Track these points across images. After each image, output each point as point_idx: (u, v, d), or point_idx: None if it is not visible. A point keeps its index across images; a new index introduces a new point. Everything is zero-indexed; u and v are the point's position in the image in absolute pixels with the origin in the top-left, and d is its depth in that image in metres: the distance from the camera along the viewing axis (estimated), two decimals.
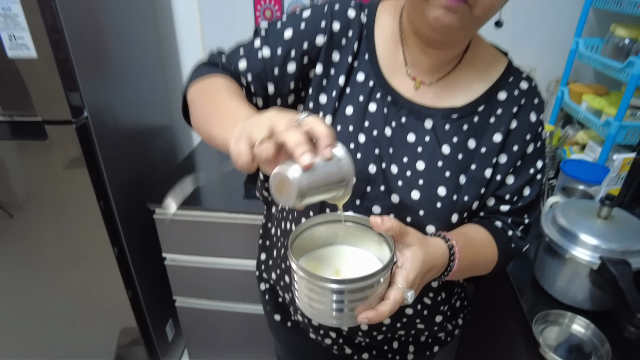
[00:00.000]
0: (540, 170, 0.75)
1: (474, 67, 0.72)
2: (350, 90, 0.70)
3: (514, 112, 0.71)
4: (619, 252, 0.84)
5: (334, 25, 0.69)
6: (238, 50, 0.72)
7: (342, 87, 0.70)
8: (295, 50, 0.69)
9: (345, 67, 0.69)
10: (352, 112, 0.69)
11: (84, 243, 1.40)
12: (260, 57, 0.69)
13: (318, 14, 0.70)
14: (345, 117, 0.69)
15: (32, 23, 1.04)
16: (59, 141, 1.21)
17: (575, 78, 1.66)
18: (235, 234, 1.41)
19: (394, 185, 0.69)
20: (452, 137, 0.70)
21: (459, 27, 0.59)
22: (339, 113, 0.70)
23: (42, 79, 1.12)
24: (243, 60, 0.70)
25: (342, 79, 0.69)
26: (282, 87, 0.70)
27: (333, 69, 0.70)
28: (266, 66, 0.69)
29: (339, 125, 0.70)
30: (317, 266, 0.62)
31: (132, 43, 1.48)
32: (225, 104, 0.59)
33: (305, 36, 0.69)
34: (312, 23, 0.69)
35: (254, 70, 0.69)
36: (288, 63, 0.69)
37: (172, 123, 1.80)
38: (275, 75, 0.69)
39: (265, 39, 0.70)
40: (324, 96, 0.70)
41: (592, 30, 1.58)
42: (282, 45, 0.69)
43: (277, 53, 0.68)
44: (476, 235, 0.71)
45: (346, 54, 0.70)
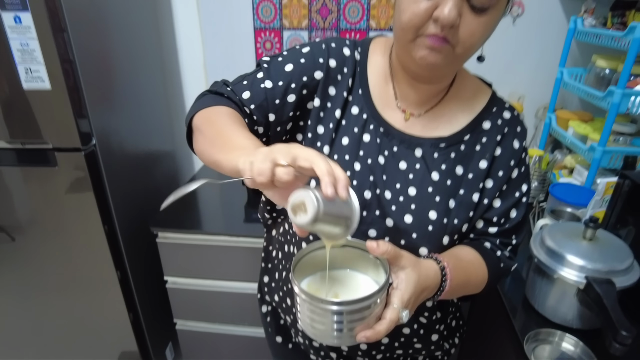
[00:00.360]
0: (525, 194, 0.79)
1: (459, 99, 0.78)
2: (345, 122, 0.75)
3: (497, 140, 0.76)
4: (603, 271, 0.89)
5: (330, 62, 0.75)
6: (242, 81, 0.75)
7: (339, 119, 0.75)
8: (295, 83, 0.73)
9: (341, 101, 0.75)
10: (348, 142, 0.74)
11: (88, 266, 1.43)
12: (263, 88, 0.73)
13: (316, 51, 0.75)
14: (342, 147, 0.74)
15: (48, 57, 1.11)
16: (68, 168, 1.26)
17: (562, 105, 1.74)
18: (236, 257, 1.45)
19: (388, 210, 0.73)
20: (441, 165, 0.75)
21: (443, 64, 0.65)
22: (335, 143, 0.75)
23: (54, 109, 1.18)
24: (247, 91, 0.74)
25: (338, 112, 0.75)
26: (281, 116, 0.75)
27: (329, 102, 0.75)
28: (268, 97, 0.73)
29: (336, 154, 0.74)
30: (318, 289, 0.66)
31: (139, 73, 1.55)
32: (232, 133, 0.63)
33: (304, 71, 0.74)
34: (311, 59, 0.74)
35: (257, 101, 0.73)
36: (288, 94, 0.74)
37: (175, 148, 1.85)
38: (276, 105, 0.74)
39: (267, 72, 0.74)
40: (321, 127, 0.75)
41: (576, 61, 1.66)
42: (283, 78, 0.73)
43: (278, 85, 0.73)
44: (466, 256, 0.76)
45: (341, 89, 0.75)
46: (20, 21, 1.06)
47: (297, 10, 1.69)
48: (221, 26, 1.77)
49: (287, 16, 1.71)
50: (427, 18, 0.61)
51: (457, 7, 0.59)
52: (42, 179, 1.30)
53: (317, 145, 0.75)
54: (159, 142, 1.74)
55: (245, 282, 1.49)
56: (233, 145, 0.59)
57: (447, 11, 0.59)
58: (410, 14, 0.62)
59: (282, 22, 1.72)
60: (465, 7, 0.60)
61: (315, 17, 1.70)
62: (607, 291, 0.85)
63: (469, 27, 0.61)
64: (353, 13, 1.68)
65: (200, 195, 1.68)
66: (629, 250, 0.93)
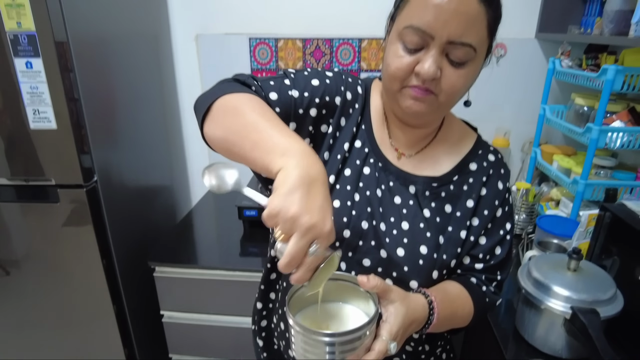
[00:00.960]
0: (509, 232, 0.83)
1: (447, 142, 0.83)
2: (350, 155, 0.80)
3: (483, 180, 0.81)
4: (588, 302, 0.92)
5: (347, 94, 0.78)
6: (269, 81, 0.74)
7: (346, 151, 0.79)
8: (318, 98, 0.75)
9: (350, 135, 0.79)
10: (350, 173, 0.78)
11: (84, 301, 1.44)
12: (290, 95, 0.73)
13: (339, 79, 0.78)
14: (345, 178, 0.78)
15: (55, 98, 1.17)
16: (69, 203, 1.29)
17: (547, 139, 1.81)
18: (232, 291, 1.46)
19: (383, 241, 0.76)
20: (431, 203, 0.79)
21: (428, 112, 0.71)
22: (340, 174, 0.79)
23: (59, 147, 1.23)
24: (274, 92, 0.73)
25: (347, 145, 0.79)
26: (302, 127, 0.75)
27: (339, 132, 0.79)
28: (293, 105, 0.74)
29: (339, 184, 0.78)
30: (312, 321, 0.69)
31: (140, 111, 1.61)
32: (273, 127, 0.60)
33: (328, 91, 0.76)
34: (334, 83, 0.77)
35: (283, 105, 0.73)
36: (311, 108, 0.75)
37: (173, 183, 1.90)
38: (299, 115, 0.74)
39: (294, 81, 0.75)
40: (328, 154, 0.79)
41: (557, 98, 1.75)
42: (309, 90, 0.74)
43: (304, 95, 0.74)
44: (453, 291, 0.79)
45: (351, 123, 0.79)
46: (31, 66, 1.13)
47: (292, 52, 1.79)
48: (219, 67, 1.86)
49: (283, 58, 1.80)
50: (410, 72, 0.67)
51: (437, 63, 0.65)
52: (43, 214, 1.33)
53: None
54: (157, 177, 1.79)
55: (241, 317, 1.50)
56: (276, 144, 0.57)
57: (427, 67, 0.65)
58: (395, 68, 0.68)
59: (278, 63, 1.81)
60: (444, 61, 0.66)
61: (309, 59, 1.79)
62: (591, 321, 0.88)
63: (449, 80, 0.67)
64: (345, 55, 1.78)
65: (197, 229, 1.71)
66: (612, 281, 0.97)
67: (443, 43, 0.64)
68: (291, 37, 1.77)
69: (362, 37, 1.75)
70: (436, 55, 0.65)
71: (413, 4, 0.66)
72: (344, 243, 0.75)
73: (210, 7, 1.78)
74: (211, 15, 1.79)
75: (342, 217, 0.75)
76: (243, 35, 1.79)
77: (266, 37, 1.78)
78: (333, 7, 1.73)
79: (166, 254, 1.48)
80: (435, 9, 0.63)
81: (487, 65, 0.75)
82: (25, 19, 1.08)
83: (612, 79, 1.19)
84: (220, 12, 1.78)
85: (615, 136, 1.27)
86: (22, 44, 1.11)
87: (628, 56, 1.24)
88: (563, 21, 1.61)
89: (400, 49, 0.67)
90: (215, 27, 1.80)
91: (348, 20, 1.74)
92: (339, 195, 0.76)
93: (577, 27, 1.57)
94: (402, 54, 0.67)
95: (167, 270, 1.46)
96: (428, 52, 0.65)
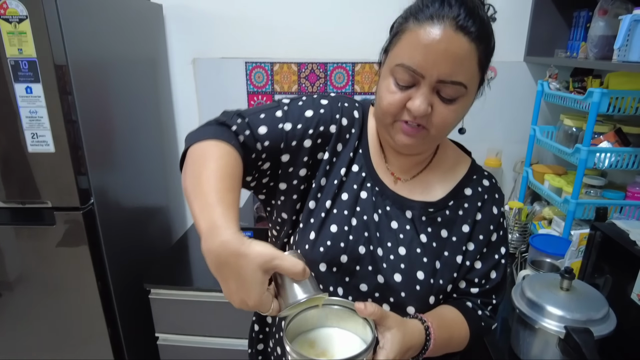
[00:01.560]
0: (504, 256, 0.84)
1: (441, 168, 0.85)
2: (347, 179, 0.80)
3: (478, 205, 0.82)
4: (581, 321, 0.93)
5: (343, 120, 0.78)
6: (259, 114, 0.75)
7: (342, 176, 0.79)
8: (312, 129, 0.75)
9: (347, 160, 0.79)
10: (347, 198, 0.78)
11: (79, 323, 1.42)
12: (281, 128, 0.74)
13: (334, 107, 0.78)
14: (342, 202, 0.78)
15: (54, 122, 1.19)
16: (65, 226, 1.30)
17: (538, 159, 1.84)
18: (228, 314, 1.45)
19: (380, 267, 0.76)
20: (428, 228, 0.80)
21: (420, 144, 0.72)
22: (337, 199, 0.79)
23: (56, 170, 1.24)
24: (264, 126, 0.73)
25: (344, 170, 0.79)
26: (296, 159, 0.76)
27: (336, 158, 0.79)
28: (284, 138, 0.74)
29: (336, 209, 0.78)
30: (309, 348, 0.69)
31: (137, 133, 1.63)
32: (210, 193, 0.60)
33: (322, 121, 0.76)
34: (329, 112, 0.77)
35: (272, 139, 0.73)
36: (305, 139, 0.75)
37: (168, 204, 1.90)
38: (292, 147, 0.74)
39: (286, 114, 0.75)
40: (325, 180, 0.79)
41: (547, 119, 1.79)
42: (303, 122, 0.75)
43: (297, 127, 0.74)
44: (449, 316, 0.79)
45: (348, 149, 0.80)
46: (31, 91, 1.15)
47: (288, 76, 1.82)
48: (216, 90, 1.89)
49: (278, 82, 1.84)
50: (402, 107, 0.68)
51: (427, 100, 0.66)
52: (38, 236, 1.33)
53: (318, 196, 0.78)
54: (153, 198, 1.80)
55: (237, 339, 1.49)
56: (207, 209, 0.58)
57: (417, 104, 0.66)
58: (387, 103, 0.69)
59: (274, 87, 1.85)
60: (435, 98, 0.68)
61: (304, 82, 1.83)
62: (585, 340, 0.88)
63: (440, 115, 0.68)
64: (339, 79, 1.82)
65: (193, 251, 1.71)
66: (604, 300, 0.98)
67: (433, 82, 0.65)
68: (286, 61, 1.81)
69: (356, 61, 1.79)
70: (427, 93, 0.66)
71: (404, 42, 0.67)
72: (341, 268, 0.75)
73: (207, 32, 1.82)
74: (208, 39, 1.83)
75: (339, 242, 0.75)
76: (239, 59, 1.83)
77: (262, 61, 1.82)
78: (327, 32, 1.78)
79: (162, 276, 1.48)
80: (426, 49, 0.64)
81: (480, 96, 0.76)
82: (26, 46, 1.11)
83: (598, 101, 1.23)
84: (217, 36, 1.82)
85: (603, 156, 1.30)
86: (22, 69, 1.13)
87: (612, 79, 1.28)
88: (550, 45, 1.67)
89: (392, 85, 0.69)
90: (212, 52, 1.84)
91: (342, 45, 1.78)
92: (335, 219, 0.76)
93: (564, 51, 1.63)
94: (394, 90, 0.68)
95: (162, 292, 1.45)
96: (419, 89, 0.67)
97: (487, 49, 0.68)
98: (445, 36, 0.63)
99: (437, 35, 0.63)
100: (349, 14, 1.75)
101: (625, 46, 1.15)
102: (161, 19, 1.80)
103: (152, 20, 1.74)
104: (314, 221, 0.77)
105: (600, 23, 1.32)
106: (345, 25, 1.76)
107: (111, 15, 1.44)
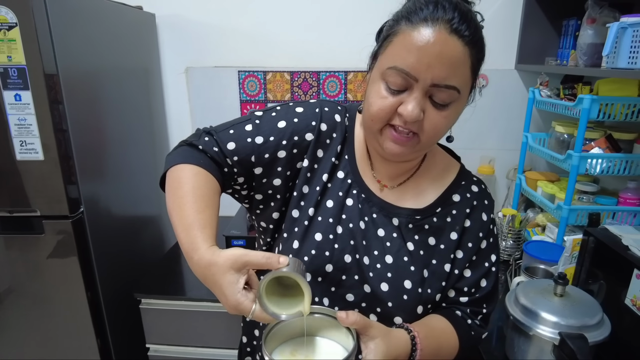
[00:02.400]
0: (494, 264, 0.82)
1: (429, 174, 0.83)
2: (331, 185, 0.78)
3: (467, 212, 0.80)
4: (576, 327, 0.92)
5: (321, 125, 0.76)
6: (228, 130, 0.75)
7: (325, 182, 0.77)
8: (286, 140, 0.74)
9: (329, 166, 0.77)
10: (332, 205, 0.76)
11: (67, 334, 1.39)
12: (251, 142, 0.73)
13: (310, 113, 0.77)
14: (327, 210, 0.76)
15: (43, 130, 1.17)
16: (54, 235, 1.28)
17: (531, 166, 1.85)
18: (220, 324, 1.43)
19: (366, 276, 0.74)
20: (415, 235, 0.78)
21: (409, 152, 0.70)
22: (321, 205, 0.77)
23: (45, 178, 1.22)
24: (232, 142, 0.73)
25: (326, 176, 0.77)
26: (270, 170, 0.75)
27: (317, 164, 0.78)
28: (256, 151, 0.73)
29: (320, 216, 0.76)
30: (291, 356, 0.67)
31: (129, 142, 1.62)
32: (185, 218, 0.66)
33: (296, 130, 0.75)
34: (304, 120, 0.76)
35: (242, 153, 0.73)
36: (279, 150, 0.74)
37: (161, 213, 1.89)
38: (264, 159, 0.74)
39: (258, 127, 0.75)
40: (307, 188, 0.77)
41: (539, 126, 1.80)
42: (275, 134, 0.74)
43: (269, 140, 0.73)
44: (438, 325, 0.77)
45: (330, 154, 0.78)
46: (20, 99, 1.14)
47: (280, 85, 1.83)
48: (209, 99, 1.89)
49: (271, 90, 1.84)
50: (392, 112, 0.67)
51: (420, 105, 0.64)
52: (27, 246, 1.31)
53: (301, 204, 0.76)
54: (145, 207, 1.78)
55: (229, 349, 1.46)
56: (187, 231, 0.64)
57: (410, 109, 0.64)
58: (377, 108, 0.67)
59: (267, 95, 1.85)
60: (427, 103, 0.66)
61: (297, 91, 1.83)
62: (580, 347, 0.87)
63: (432, 121, 0.67)
64: (332, 87, 1.83)
65: (184, 260, 1.68)
66: (598, 306, 0.97)
67: (427, 86, 0.64)
68: (279, 70, 1.81)
69: (348, 70, 1.80)
70: (419, 98, 0.64)
71: (397, 45, 0.65)
72: (326, 278, 0.73)
73: (200, 41, 1.82)
74: (201, 48, 1.83)
75: (324, 251, 0.73)
76: (232, 68, 1.83)
77: (255, 70, 1.82)
78: (320, 41, 1.79)
79: (153, 286, 1.46)
80: (419, 51, 0.62)
81: (470, 103, 0.75)
82: (16, 53, 1.10)
83: (588, 107, 1.24)
84: (210, 45, 1.82)
85: (595, 162, 1.31)
86: (11, 77, 1.12)
87: (602, 86, 1.30)
88: (540, 53, 1.69)
89: (382, 89, 0.67)
90: (205, 60, 1.84)
91: (334, 54, 1.79)
92: (320, 227, 0.74)
93: (554, 59, 1.64)
94: (385, 95, 0.67)
95: (153, 302, 1.43)
96: (411, 94, 0.65)
97: (480, 54, 0.68)
98: (440, 39, 0.62)
99: (432, 37, 0.62)
100: (342, 23, 1.76)
101: (614, 53, 1.16)
102: (154, 28, 1.80)
103: (145, 29, 1.74)
104: (297, 230, 0.75)
105: (589, 31, 1.34)
106: (338, 34, 1.78)
107: (103, 24, 1.44)
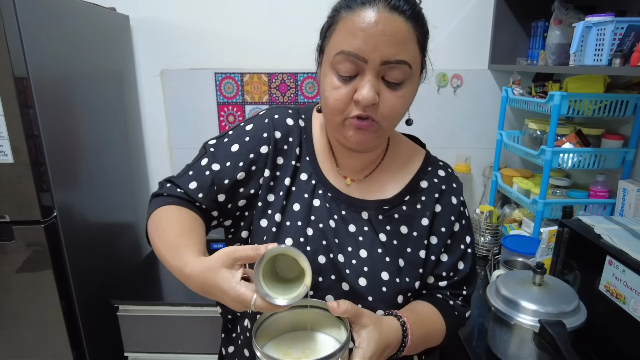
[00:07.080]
0: (469, 245, 0.83)
1: (395, 163, 0.83)
2: (296, 189, 0.78)
3: (436, 197, 0.81)
4: (554, 314, 0.94)
5: (275, 134, 0.77)
6: (188, 172, 0.77)
7: (288, 186, 0.78)
8: (242, 161, 0.75)
9: (290, 170, 0.78)
10: (299, 208, 0.77)
11: (39, 346, 1.33)
12: (209, 174, 0.75)
13: (260, 127, 0.78)
14: (294, 213, 0.76)
15: (13, 133, 1.13)
16: (26, 241, 1.23)
17: (506, 163, 1.90)
18: (200, 328, 1.40)
19: (343, 274, 0.74)
20: (386, 226, 0.78)
21: (372, 138, 0.71)
22: (287, 210, 0.77)
23: (15, 182, 1.18)
24: (193, 182, 0.75)
25: (288, 180, 0.77)
26: (232, 194, 0.76)
27: (278, 171, 0.78)
28: (215, 180, 0.75)
29: (288, 221, 0.76)
30: (282, 350, 0.66)
31: (104, 147, 1.58)
32: (169, 243, 0.68)
33: (250, 148, 0.76)
34: (255, 136, 0.77)
35: (204, 188, 0.75)
36: (238, 173, 0.75)
37: (137, 219, 1.84)
38: (225, 185, 0.75)
39: (213, 155, 0.77)
40: (272, 196, 0.77)
41: (512, 124, 1.85)
42: (231, 159, 0.76)
43: (226, 166, 0.75)
44: (423, 310, 0.77)
45: (290, 158, 0.78)
46: None
47: (258, 86, 1.82)
48: (185, 102, 1.86)
49: (249, 92, 1.83)
50: (349, 101, 0.67)
51: (374, 87, 0.65)
52: None
53: (268, 213, 0.76)
54: (121, 212, 1.73)
55: (209, 355, 1.43)
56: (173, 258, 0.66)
57: (365, 92, 0.64)
58: (333, 100, 0.68)
59: (244, 97, 1.84)
60: (381, 85, 0.67)
61: (275, 92, 1.83)
62: (559, 333, 0.89)
63: (389, 103, 0.67)
64: (309, 89, 1.83)
65: (162, 266, 1.64)
66: (575, 293, 1.00)
67: (377, 65, 0.65)
68: (256, 72, 1.81)
69: None
70: (372, 80, 0.65)
71: (340, 32, 0.67)
72: None
73: (175, 43, 1.80)
74: (176, 51, 1.81)
75: None
76: (208, 70, 1.82)
77: (232, 71, 1.81)
78: (297, 42, 1.79)
79: (130, 292, 1.42)
80: (364, 32, 0.63)
81: (423, 81, 0.75)
82: None
83: (558, 104, 1.28)
84: (185, 47, 1.80)
85: (566, 157, 1.35)
86: None
87: (570, 83, 1.34)
88: (512, 53, 1.74)
89: (335, 80, 0.67)
90: (181, 63, 1.82)
91: (312, 55, 1.79)
92: (290, 232, 0.75)
93: (525, 59, 1.70)
94: (338, 85, 0.67)
95: (131, 308, 1.39)
96: (364, 77, 0.66)
97: (423, 29, 0.69)
98: (381, 17, 0.63)
99: (373, 17, 0.63)
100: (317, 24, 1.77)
101: (580, 51, 1.21)
102: (128, 30, 1.77)
103: (118, 31, 1.71)
104: (266, 238, 0.75)
105: (556, 32, 1.39)
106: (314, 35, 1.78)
107: (75, 25, 1.41)
